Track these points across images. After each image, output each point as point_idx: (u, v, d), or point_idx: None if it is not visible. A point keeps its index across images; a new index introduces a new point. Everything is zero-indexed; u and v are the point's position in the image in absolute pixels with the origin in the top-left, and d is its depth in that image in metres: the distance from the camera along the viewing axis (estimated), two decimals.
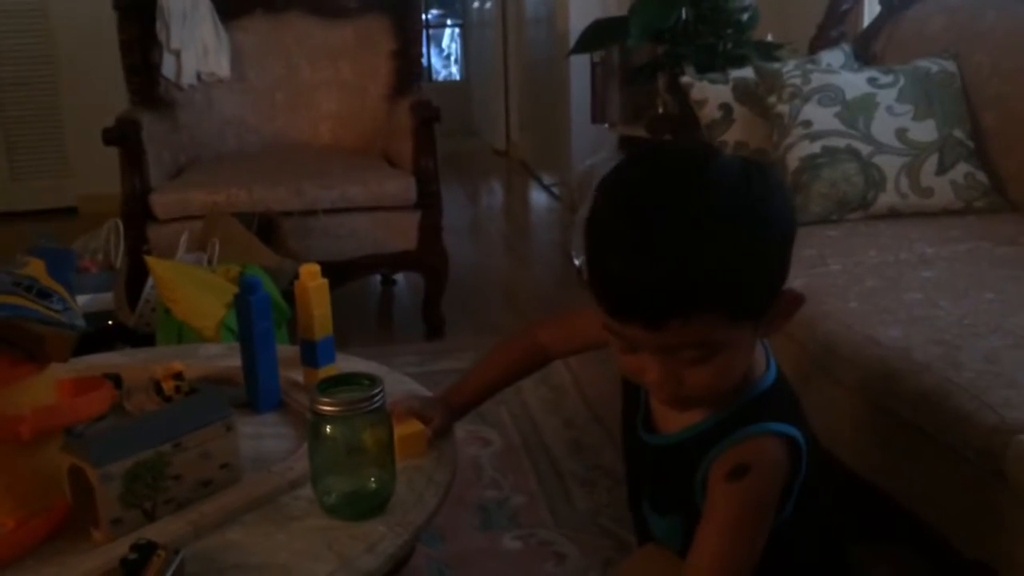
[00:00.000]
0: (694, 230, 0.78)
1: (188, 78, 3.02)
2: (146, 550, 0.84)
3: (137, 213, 2.51)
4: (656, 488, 0.97)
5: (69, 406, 0.99)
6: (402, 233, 2.68)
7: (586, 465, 1.92)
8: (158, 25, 2.96)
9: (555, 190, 4.75)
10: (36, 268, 1.01)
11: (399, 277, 3.36)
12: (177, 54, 2.99)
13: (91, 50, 4.27)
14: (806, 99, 2.00)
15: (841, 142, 1.95)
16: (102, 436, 1.00)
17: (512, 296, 3.27)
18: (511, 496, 1.82)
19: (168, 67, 2.99)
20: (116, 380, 1.23)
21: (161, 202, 2.54)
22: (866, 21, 2.58)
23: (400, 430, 1.02)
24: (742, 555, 0.83)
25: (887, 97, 1.98)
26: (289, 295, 1.83)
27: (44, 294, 0.96)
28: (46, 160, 4.51)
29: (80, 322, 0.98)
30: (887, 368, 1.28)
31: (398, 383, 1.25)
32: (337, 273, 1.24)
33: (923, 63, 2.05)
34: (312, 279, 1.23)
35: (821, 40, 2.43)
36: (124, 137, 2.55)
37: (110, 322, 2.16)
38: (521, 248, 3.98)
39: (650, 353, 0.82)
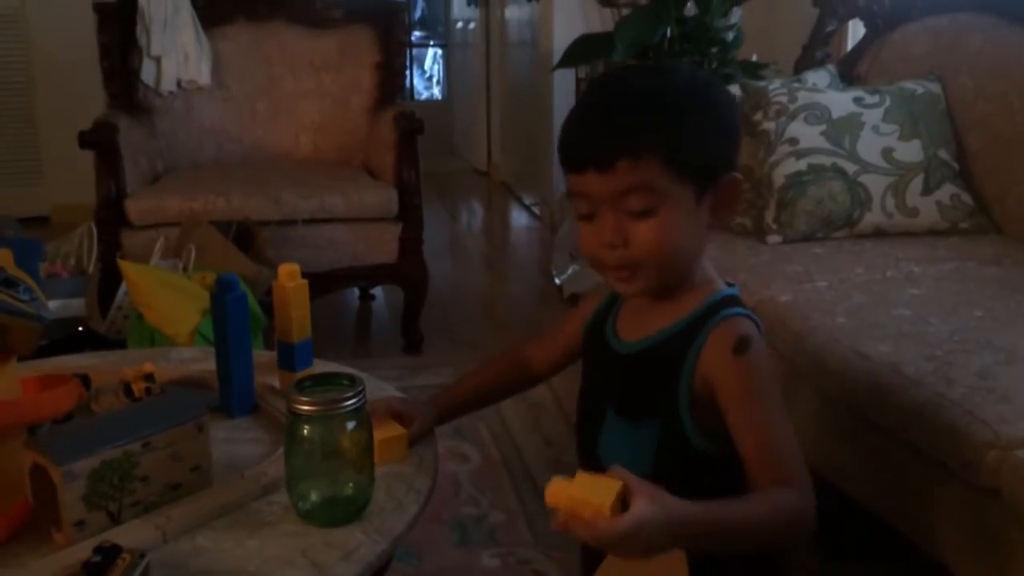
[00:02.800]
0: (645, 89, 0.90)
1: (168, 85, 2.98)
2: (110, 554, 0.79)
3: (111, 218, 2.46)
4: (629, 395, 0.95)
5: (32, 402, 0.95)
6: (382, 245, 2.64)
7: None
8: (138, 30, 2.92)
9: (536, 210, 4.74)
10: (3, 257, 0.97)
11: (377, 292, 3.32)
12: (157, 60, 2.95)
13: (68, 57, 4.21)
14: (792, 117, 2.00)
15: (827, 160, 1.94)
16: (66, 433, 0.95)
17: (491, 313, 3.24)
18: (489, 513, 1.78)
19: (148, 73, 2.95)
20: (84, 380, 1.18)
21: (136, 208, 2.49)
22: (850, 43, 2.59)
23: (380, 433, 0.98)
24: (788, 422, 0.85)
25: (873, 117, 1.98)
26: (266, 304, 1.80)
27: (10, 283, 0.92)
28: (19, 167, 4.43)
29: (47, 313, 0.94)
30: (877, 383, 1.26)
31: (378, 389, 1.21)
32: (315, 284, 1.21)
33: (908, 84, 2.06)
34: (291, 279, 1.19)
35: (806, 61, 2.44)
36: (100, 140, 2.50)
37: (80, 328, 2.10)
38: (501, 266, 3.95)
39: (605, 210, 0.88)
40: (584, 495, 0.72)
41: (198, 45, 3.01)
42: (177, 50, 2.98)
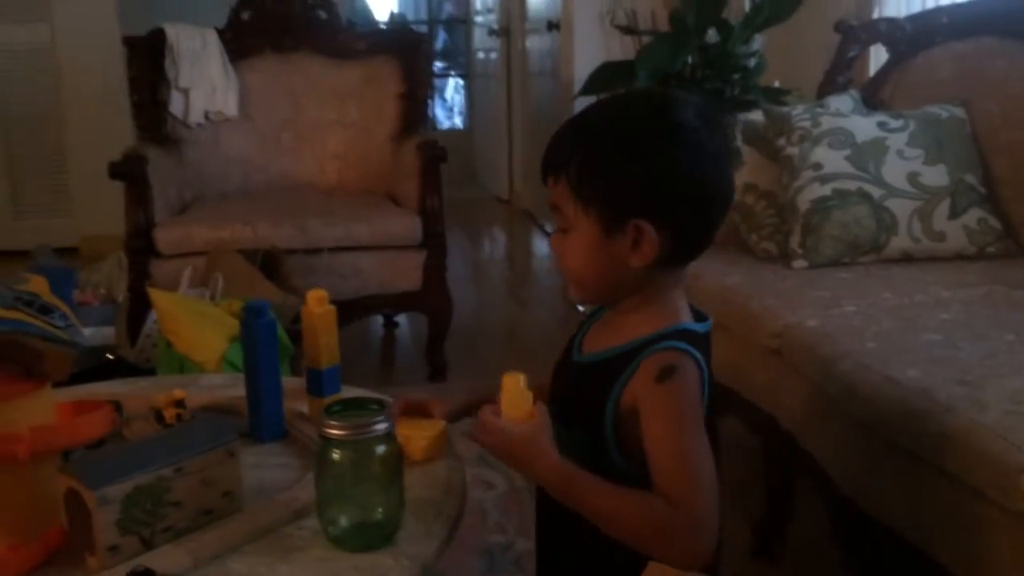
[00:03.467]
0: (585, 117, 0.95)
1: (196, 116, 3.03)
2: None
3: (141, 248, 2.49)
4: (566, 403, 0.99)
5: (68, 426, 0.96)
6: (406, 273, 2.66)
7: None
8: (167, 63, 2.98)
9: None
10: (38, 284, 0.99)
11: (401, 320, 3.33)
12: (185, 92, 3.00)
13: (97, 90, 4.30)
14: (816, 142, 2.00)
15: (852, 185, 1.94)
16: (100, 458, 0.96)
17: (515, 340, 3.24)
18: (516, 541, 1.77)
19: (176, 105, 3.00)
20: (116, 407, 1.19)
21: (165, 237, 2.52)
22: (873, 68, 2.59)
23: (422, 431, 0.98)
24: (700, 449, 0.87)
25: (897, 141, 1.97)
26: (292, 332, 1.81)
27: (45, 310, 0.93)
28: (50, 199, 4.51)
29: (82, 339, 0.95)
30: (907, 408, 1.24)
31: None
32: (341, 312, 1.22)
33: (933, 109, 2.05)
34: (319, 305, 1.20)
35: (829, 86, 2.44)
36: (130, 171, 2.54)
37: (110, 356, 2.12)
38: (524, 293, 3.95)
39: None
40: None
41: (225, 77, 3.06)
42: (205, 82, 3.03)
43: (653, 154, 0.91)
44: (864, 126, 2.01)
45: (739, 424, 1.84)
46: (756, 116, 2.20)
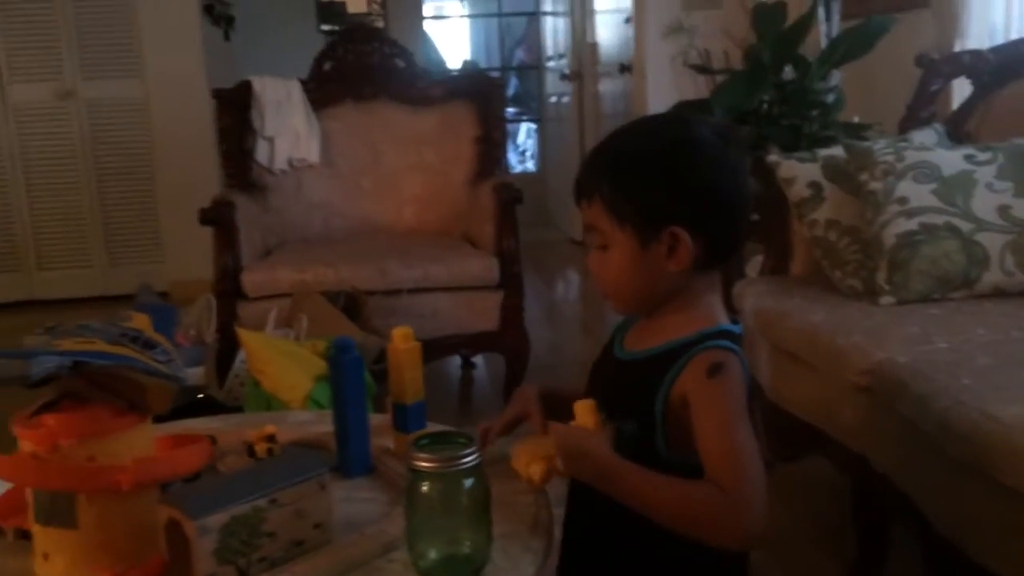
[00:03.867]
0: (610, 140, 1.04)
1: (280, 164, 3.13)
2: None
3: (229, 290, 2.57)
4: (613, 395, 1.03)
5: (168, 458, 0.99)
6: (484, 313, 2.68)
7: None
8: (253, 113, 3.09)
9: None
10: (141, 322, 1.03)
11: (478, 361, 3.35)
12: (271, 140, 3.10)
13: (187, 142, 4.48)
14: (900, 176, 1.96)
15: (939, 219, 1.89)
16: (199, 490, 0.99)
17: None
18: None
19: (261, 153, 3.10)
20: (211, 441, 1.23)
21: (251, 280, 2.60)
22: (956, 102, 2.54)
23: (539, 453, 0.96)
24: (747, 440, 0.92)
25: (986, 174, 1.92)
26: (375, 372, 1.84)
27: (149, 345, 0.97)
28: (143, 246, 4.69)
29: (182, 374, 0.98)
30: (1009, 446, 1.20)
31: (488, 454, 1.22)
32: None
33: (1022, 141, 2.00)
34: (404, 341, 1.22)
35: (911, 120, 2.40)
36: (219, 217, 2.63)
37: (200, 395, 2.18)
38: (599, 332, 3.93)
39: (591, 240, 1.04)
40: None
41: (308, 126, 3.17)
42: (289, 131, 3.13)
43: (677, 166, 0.99)
44: (951, 159, 1.97)
45: (827, 464, 1.79)
46: (837, 151, 2.17)
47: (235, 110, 3.09)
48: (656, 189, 0.98)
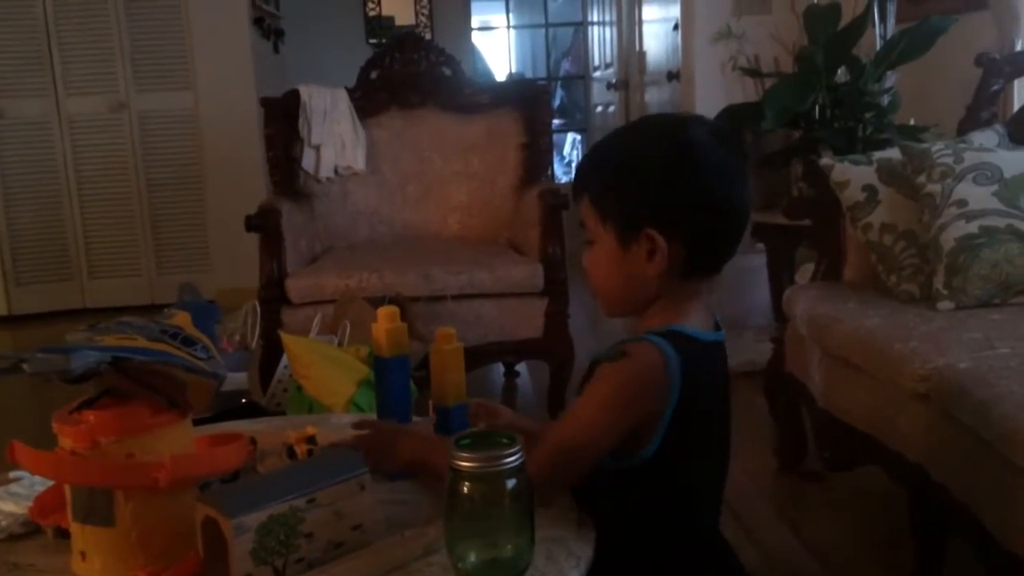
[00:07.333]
0: (605, 140, 1.05)
1: (326, 171, 3.14)
2: None
3: (274, 297, 2.58)
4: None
5: (206, 456, 0.98)
6: (528, 320, 2.65)
7: None
8: (300, 122, 3.11)
9: None
10: (182, 319, 1.02)
11: (522, 369, 3.32)
12: (317, 149, 3.12)
13: (235, 151, 4.54)
14: (959, 178, 1.90)
15: (1001, 222, 1.82)
16: (236, 489, 0.98)
17: None
18: None
19: (308, 161, 3.12)
20: (251, 442, 1.22)
21: (296, 286, 2.60)
22: (1016, 103, 2.46)
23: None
24: (599, 427, 0.96)
25: None
26: (417, 379, 1.82)
27: (189, 342, 0.97)
28: (191, 255, 4.75)
29: (223, 372, 0.97)
30: None
31: None
32: (464, 357, 1.24)
33: None
34: (447, 342, 1.20)
35: (971, 122, 2.32)
36: (264, 224, 2.64)
37: (244, 400, 2.18)
38: None
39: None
40: None
41: (354, 134, 3.18)
42: (335, 139, 3.14)
43: (661, 168, 0.99)
44: (1013, 161, 1.90)
45: (882, 474, 1.73)
46: (893, 154, 2.10)
47: (282, 118, 3.11)
48: (638, 190, 0.99)
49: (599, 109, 6.78)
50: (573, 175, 1.06)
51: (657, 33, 5.12)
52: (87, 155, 4.61)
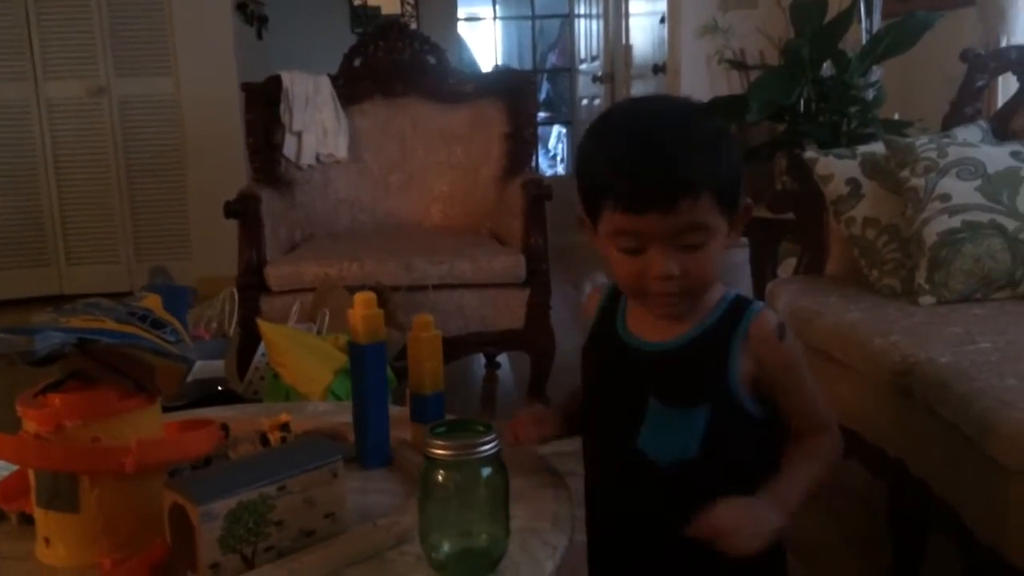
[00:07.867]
0: (684, 127, 0.95)
1: (307, 159, 3.11)
2: None
3: (252, 284, 2.55)
4: (677, 387, 1.00)
5: (175, 441, 0.95)
6: (510, 310, 2.63)
7: None
8: (282, 108, 3.07)
9: None
10: (152, 302, 1.00)
11: (503, 360, 3.31)
12: (298, 135, 3.08)
13: (216, 138, 4.48)
14: (943, 173, 1.89)
15: (984, 216, 1.82)
16: (205, 475, 0.96)
17: None
18: None
19: (289, 148, 3.08)
20: (223, 429, 1.19)
21: (275, 274, 2.57)
22: (1002, 98, 2.46)
23: None
24: (815, 382, 1.02)
25: None
26: (396, 368, 1.80)
27: (158, 325, 0.94)
28: (169, 243, 4.70)
29: (192, 355, 0.95)
30: None
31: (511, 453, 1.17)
32: (444, 349, 1.21)
33: None
34: (424, 330, 1.18)
35: (955, 117, 2.32)
36: (243, 210, 2.61)
37: (220, 388, 2.15)
38: None
39: (658, 245, 0.93)
40: None
41: (336, 121, 3.14)
42: (317, 126, 3.11)
43: (733, 138, 1.00)
44: (996, 156, 1.90)
45: (861, 468, 1.72)
46: (876, 148, 2.10)
47: (263, 104, 3.07)
48: (740, 165, 0.98)
49: (585, 102, 6.77)
50: (671, 177, 0.91)
51: (643, 26, 5.11)
52: (66, 140, 4.55)
